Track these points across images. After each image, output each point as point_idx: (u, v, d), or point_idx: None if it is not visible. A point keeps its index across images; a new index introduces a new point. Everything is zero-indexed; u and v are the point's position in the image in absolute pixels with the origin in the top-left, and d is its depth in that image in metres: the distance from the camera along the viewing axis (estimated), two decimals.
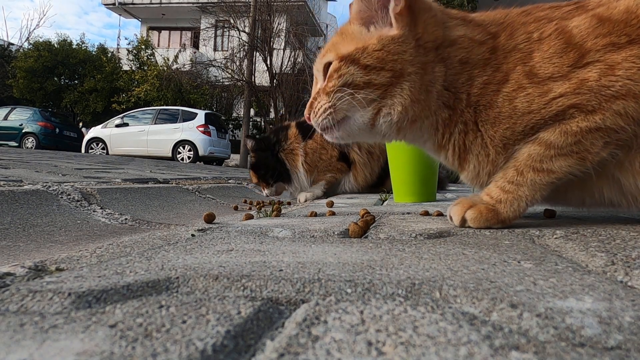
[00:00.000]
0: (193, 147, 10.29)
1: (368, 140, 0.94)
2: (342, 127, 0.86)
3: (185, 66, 15.19)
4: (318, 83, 0.89)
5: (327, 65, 0.86)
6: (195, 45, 18.06)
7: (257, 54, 13.05)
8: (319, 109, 0.86)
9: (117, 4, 17.91)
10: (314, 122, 0.88)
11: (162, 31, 19.21)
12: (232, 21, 13.26)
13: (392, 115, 0.82)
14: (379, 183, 2.33)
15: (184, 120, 10.57)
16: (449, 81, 0.82)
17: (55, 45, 16.57)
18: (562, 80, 0.74)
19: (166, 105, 13.12)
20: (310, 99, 0.89)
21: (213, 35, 15.41)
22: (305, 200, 2.22)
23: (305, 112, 0.90)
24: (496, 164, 0.83)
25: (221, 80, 13.86)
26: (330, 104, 0.83)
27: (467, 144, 0.84)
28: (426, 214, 1.14)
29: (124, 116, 11.24)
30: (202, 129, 10.38)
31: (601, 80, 0.70)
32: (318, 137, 2.22)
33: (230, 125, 15.28)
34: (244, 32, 12.95)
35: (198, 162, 9.73)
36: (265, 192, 2.32)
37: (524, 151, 0.78)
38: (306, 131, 2.24)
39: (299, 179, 2.26)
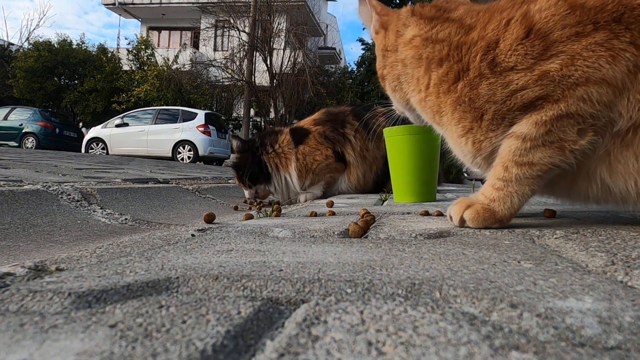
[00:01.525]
0: (193, 147, 10.29)
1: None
2: None
3: (185, 66, 15.18)
4: None
5: None
6: (195, 45, 18.06)
7: (257, 54, 13.06)
8: None
9: (117, 4, 17.91)
10: None
11: (162, 31, 19.21)
12: (232, 21, 13.27)
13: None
14: (377, 189, 2.33)
15: (184, 120, 10.56)
16: (410, 73, 0.92)
17: (55, 45, 16.56)
18: (525, 72, 0.74)
19: (166, 105, 13.10)
20: None
21: (213, 35, 15.42)
22: (305, 201, 2.22)
23: None
24: (461, 144, 0.86)
25: (221, 80, 13.86)
26: None
27: (443, 122, 0.89)
28: (426, 214, 1.14)
29: (124, 116, 11.23)
30: (202, 129, 10.38)
31: (562, 70, 0.71)
32: (311, 141, 2.24)
33: (230, 125, 15.28)
34: (244, 32, 12.95)
35: (198, 162, 9.73)
36: (246, 193, 2.30)
37: (505, 147, 0.80)
38: (299, 137, 2.26)
39: (281, 182, 2.25)
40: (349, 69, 19.14)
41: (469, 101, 0.80)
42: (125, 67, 16.66)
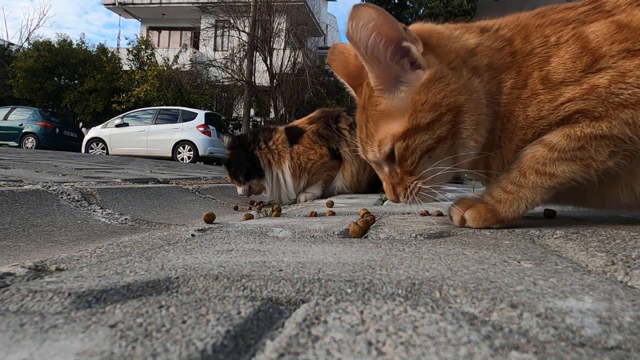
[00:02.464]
0: (193, 147, 10.29)
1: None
2: (435, 189, 0.83)
3: (185, 66, 15.18)
4: (384, 169, 0.86)
5: (389, 154, 0.81)
6: (195, 45, 18.05)
7: (257, 54, 13.05)
8: (412, 190, 0.82)
9: (117, 4, 17.90)
10: (407, 202, 0.84)
11: (162, 31, 19.20)
12: (232, 21, 13.27)
13: (469, 150, 0.80)
14: (370, 190, 2.33)
15: (184, 120, 10.56)
16: (487, 92, 0.79)
17: (55, 45, 16.55)
18: (574, 85, 0.72)
19: (166, 105, 13.10)
20: (390, 185, 0.85)
21: (213, 35, 15.41)
22: (305, 200, 2.22)
23: (392, 197, 0.85)
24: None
25: (221, 80, 13.86)
26: (423, 181, 0.80)
27: (490, 162, 0.85)
28: (426, 214, 1.14)
29: (124, 116, 11.23)
30: (202, 129, 10.38)
31: (611, 87, 0.69)
32: (305, 140, 2.24)
33: (230, 125, 15.27)
34: (244, 32, 12.95)
35: (198, 162, 9.72)
36: (239, 190, 2.29)
37: (528, 152, 0.78)
38: (293, 136, 2.26)
39: (273, 178, 2.25)
40: None
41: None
42: (126, 67, 16.65)
